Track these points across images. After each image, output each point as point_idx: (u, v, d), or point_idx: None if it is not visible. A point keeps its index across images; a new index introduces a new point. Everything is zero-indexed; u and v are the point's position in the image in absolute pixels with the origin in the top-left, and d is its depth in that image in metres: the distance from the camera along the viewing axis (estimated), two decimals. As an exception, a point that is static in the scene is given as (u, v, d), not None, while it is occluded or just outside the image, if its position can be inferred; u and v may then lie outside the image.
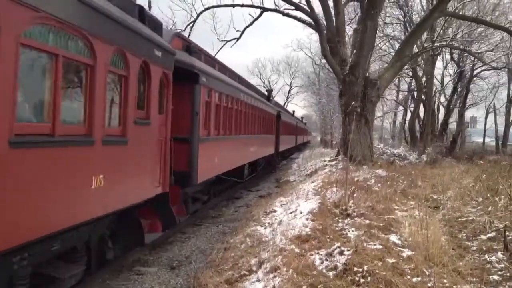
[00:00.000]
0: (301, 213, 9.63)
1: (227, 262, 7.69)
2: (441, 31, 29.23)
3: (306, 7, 21.00)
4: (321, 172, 18.26)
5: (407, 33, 26.46)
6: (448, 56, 38.97)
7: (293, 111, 55.13)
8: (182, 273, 8.03)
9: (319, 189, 12.48)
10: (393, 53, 25.94)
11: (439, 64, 40.04)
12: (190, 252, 9.54)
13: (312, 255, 6.68)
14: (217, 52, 23.69)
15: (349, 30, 25.51)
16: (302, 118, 70.06)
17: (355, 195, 10.72)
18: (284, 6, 22.13)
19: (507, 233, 7.63)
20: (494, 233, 8.41)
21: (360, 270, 5.81)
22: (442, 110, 42.98)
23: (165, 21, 10.53)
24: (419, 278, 5.72)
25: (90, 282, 7.19)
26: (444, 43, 28.04)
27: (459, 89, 39.10)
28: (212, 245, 9.72)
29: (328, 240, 7.43)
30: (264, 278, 6.15)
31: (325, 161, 22.89)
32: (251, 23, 23.36)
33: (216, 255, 8.32)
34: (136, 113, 7.11)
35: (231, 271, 6.97)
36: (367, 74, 20.19)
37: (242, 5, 22.10)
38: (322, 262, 6.32)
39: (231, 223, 12.08)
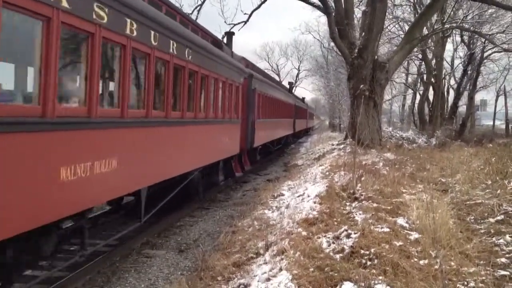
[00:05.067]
0: (308, 196, 9.65)
1: (234, 245, 7.74)
2: (451, 13, 28.82)
3: (314, -11, 20.79)
4: (329, 155, 18.22)
5: (416, 15, 26.10)
6: (458, 38, 38.50)
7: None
8: (190, 256, 8.11)
9: (327, 173, 12.47)
10: (403, 36, 25.64)
11: (449, 46, 39.74)
12: (198, 235, 9.62)
13: (319, 238, 6.69)
14: (224, 36, 23.49)
15: (358, 13, 25.21)
16: (290, 84, 47.20)
17: (363, 178, 10.70)
18: (291, -12, 21.88)
19: (515, 216, 7.60)
20: (502, 216, 8.37)
21: (367, 253, 5.82)
22: (452, 93, 42.51)
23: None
24: (426, 261, 5.72)
25: (100, 265, 7.28)
26: (455, 24, 27.63)
27: (469, 72, 38.63)
28: (220, 229, 9.79)
29: (336, 223, 7.44)
30: (271, 260, 6.18)
31: (333, 144, 22.83)
32: (259, 6, 23.17)
33: (224, 238, 8.37)
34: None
35: (238, 254, 7.02)
36: (376, 57, 20.00)
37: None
38: (329, 245, 6.33)
39: (239, 207, 12.13)
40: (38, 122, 4.77)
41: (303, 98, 57.92)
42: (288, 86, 40.56)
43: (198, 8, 22.70)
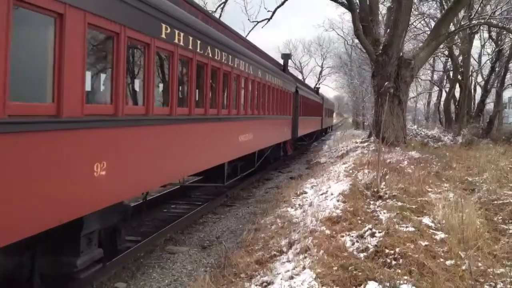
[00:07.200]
0: (332, 194, 9.58)
1: (257, 242, 7.74)
2: (479, 8, 28.20)
3: (338, -14, 20.63)
4: (353, 153, 18.07)
5: (443, 11, 25.65)
6: (486, 35, 37.62)
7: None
8: (213, 253, 8.14)
9: (351, 171, 12.37)
10: (429, 32, 25.23)
11: (476, 43, 38.76)
12: (221, 232, 9.65)
13: (343, 236, 6.65)
14: (248, 33, 23.46)
15: (382, 9, 24.94)
16: (285, 57, 25.05)
17: (387, 177, 10.58)
18: (315, -15, 21.77)
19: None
20: (531, 217, 8.20)
21: (392, 252, 5.74)
22: (479, 91, 41.63)
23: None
24: (453, 261, 5.62)
25: (124, 260, 7.36)
26: (482, 20, 27.01)
27: (497, 69, 37.76)
28: (243, 226, 9.80)
29: (359, 222, 7.37)
30: (294, 259, 6.16)
31: (356, 142, 22.64)
32: (282, 3, 23.16)
33: (247, 236, 8.38)
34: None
35: (261, 252, 7.02)
36: (401, 54, 19.71)
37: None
38: (353, 244, 6.28)
39: (261, 204, 12.12)
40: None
41: (317, 89, 45.65)
42: (282, 61, 23.20)
43: (222, 6, 22.77)
